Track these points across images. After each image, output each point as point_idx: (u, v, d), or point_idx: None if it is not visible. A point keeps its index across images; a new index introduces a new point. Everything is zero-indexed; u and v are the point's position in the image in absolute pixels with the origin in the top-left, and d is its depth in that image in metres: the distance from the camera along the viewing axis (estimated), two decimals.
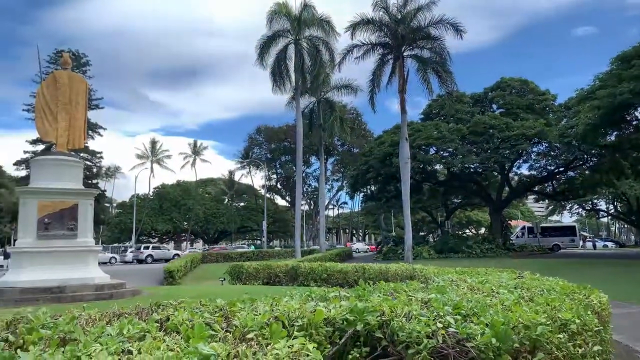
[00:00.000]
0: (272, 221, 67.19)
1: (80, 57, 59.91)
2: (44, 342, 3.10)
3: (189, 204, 70.73)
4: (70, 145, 14.84)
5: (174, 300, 4.46)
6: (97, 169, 69.39)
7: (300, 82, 39.12)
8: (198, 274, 32.21)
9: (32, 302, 9.69)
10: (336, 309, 3.88)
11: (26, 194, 14.12)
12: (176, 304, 4.33)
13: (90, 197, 14.89)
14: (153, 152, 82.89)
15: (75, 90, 14.98)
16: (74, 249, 13.82)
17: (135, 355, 2.59)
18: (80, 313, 3.90)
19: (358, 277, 14.81)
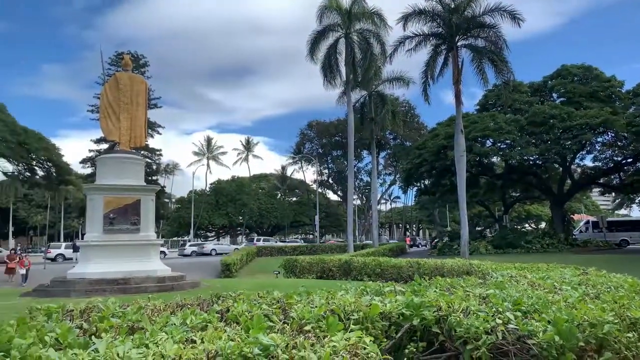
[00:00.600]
0: (324, 216, 67.54)
1: (139, 58, 62.40)
2: (114, 330, 3.29)
3: (244, 199, 72.27)
4: (132, 144, 15.53)
5: (233, 292, 4.60)
6: (156, 166, 72.24)
7: (351, 76, 38.98)
8: (253, 267, 32.89)
9: (100, 292, 10.25)
10: (392, 303, 3.88)
11: (93, 191, 14.92)
12: (235, 295, 4.47)
13: (152, 193, 15.55)
14: (209, 149, 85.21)
15: (136, 91, 15.65)
16: (137, 243, 14.49)
17: (199, 345, 2.70)
18: (146, 303, 4.09)
19: (412, 272, 14.66)
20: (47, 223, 78.45)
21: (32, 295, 12.65)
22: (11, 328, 2.99)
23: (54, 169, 47.52)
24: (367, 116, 46.41)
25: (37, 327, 3.09)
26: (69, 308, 3.90)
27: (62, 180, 50.10)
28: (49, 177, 48.53)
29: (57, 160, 46.85)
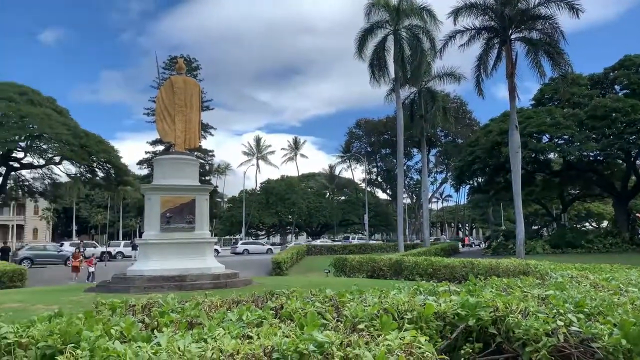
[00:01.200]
0: (373, 215, 67.14)
1: (191, 62, 64.23)
2: (174, 324, 3.41)
3: (293, 198, 72.99)
4: (187, 145, 16.03)
5: (286, 290, 4.67)
6: (209, 166, 74.20)
7: (399, 73, 38.56)
8: (303, 265, 33.19)
9: (157, 289, 10.65)
10: (446, 303, 3.83)
11: (150, 191, 15.51)
12: (288, 293, 4.53)
13: (206, 193, 16.01)
14: (258, 149, 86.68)
15: (190, 94, 16.13)
16: (192, 241, 14.94)
17: (255, 340, 2.75)
18: (203, 299, 4.23)
19: (466, 273, 14.35)
20: (107, 222, 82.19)
21: (95, 291, 13.30)
22: (80, 321, 3.15)
23: (113, 170, 49.69)
24: (416, 113, 45.76)
25: (103, 321, 3.25)
26: (132, 303, 4.09)
27: (120, 181, 52.30)
28: (109, 178, 50.79)
29: (116, 161, 48.93)
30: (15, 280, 22.06)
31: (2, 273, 22.48)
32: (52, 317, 3.37)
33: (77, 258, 25.84)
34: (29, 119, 41.65)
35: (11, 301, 11.01)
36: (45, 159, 47.05)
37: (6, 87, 44.29)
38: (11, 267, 23.48)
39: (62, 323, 3.03)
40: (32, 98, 45.45)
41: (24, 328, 2.99)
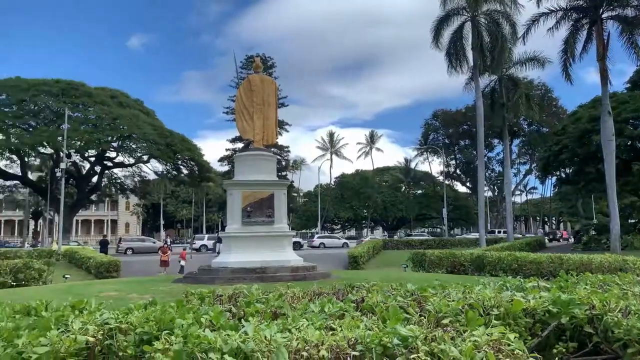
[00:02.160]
0: (452, 208, 65.30)
1: (267, 60, 65.77)
2: (259, 314, 3.52)
3: (368, 192, 72.74)
4: (265, 142, 16.45)
5: (366, 283, 4.67)
6: (285, 162, 75.75)
7: (478, 61, 37.08)
8: (380, 260, 33.00)
9: (240, 280, 11.02)
10: (536, 299, 3.66)
11: (232, 186, 16.11)
12: (369, 286, 4.53)
13: (284, 188, 16.38)
14: (332, 144, 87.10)
15: (267, 92, 16.52)
16: (271, 234, 15.35)
17: (339, 332, 2.77)
18: (285, 291, 4.33)
19: (554, 269, 13.60)
20: (192, 217, 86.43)
21: (182, 282, 14.05)
22: (172, 309, 3.34)
23: (196, 168, 52.18)
24: (497, 102, 43.79)
25: (193, 310, 3.42)
26: (219, 293, 4.28)
27: (203, 178, 54.82)
28: (192, 175, 53.40)
29: (199, 159, 51.31)
30: (111, 271, 23.91)
31: (100, 264, 24.45)
32: (147, 306, 3.59)
33: (166, 253, 26.56)
34: (120, 121, 44.73)
35: (109, 290, 11.90)
36: (135, 157, 50.35)
37: (99, 91, 47.82)
38: (107, 259, 25.44)
39: (157, 311, 3.22)
40: (121, 101, 48.77)
41: (123, 315, 3.21)
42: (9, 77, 44.93)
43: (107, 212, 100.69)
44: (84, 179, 50.93)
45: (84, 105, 45.39)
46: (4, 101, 43.52)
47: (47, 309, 3.71)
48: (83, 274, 24.98)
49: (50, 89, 44.46)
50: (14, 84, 43.80)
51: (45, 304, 3.78)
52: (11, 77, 44.97)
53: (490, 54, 36.50)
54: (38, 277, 18.17)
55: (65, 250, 30.66)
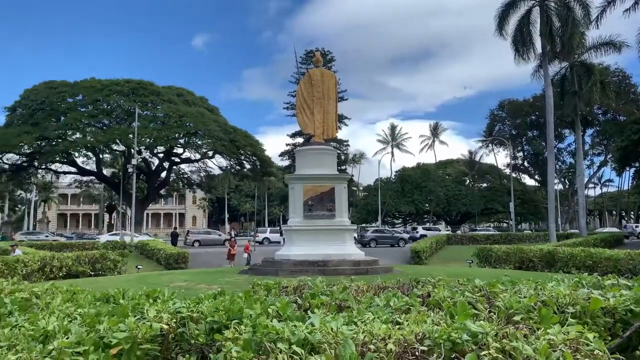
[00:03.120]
0: (519, 202, 62.72)
1: (326, 54, 65.87)
2: (324, 306, 3.55)
3: (430, 186, 71.36)
4: (325, 136, 16.51)
5: (432, 278, 4.58)
6: (344, 156, 75.76)
7: (547, 48, 35.30)
8: (443, 255, 32.34)
9: (303, 272, 11.14)
10: (617, 298, 3.46)
11: (293, 180, 16.32)
12: (434, 281, 4.45)
13: (344, 181, 16.41)
14: (393, 137, 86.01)
15: (327, 85, 16.56)
16: (332, 228, 15.41)
17: (406, 326, 2.74)
18: (349, 284, 4.33)
19: (634, 266, 12.78)
20: (255, 210, 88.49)
21: (248, 273, 14.42)
22: (240, 300, 3.43)
23: (258, 162, 53.24)
24: (568, 90, 41.51)
25: (260, 300, 3.49)
26: (284, 285, 4.34)
27: (265, 172, 55.87)
28: (255, 169, 54.54)
29: (261, 154, 52.32)
30: (179, 262, 24.96)
31: (169, 256, 25.60)
32: (216, 296, 3.71)
33: (234, 246, 26.80)
34: (186, 118, 46.41)
35: (178, 280, 12.43)
36: (201, 153, 52.12)
37: (167, 90, 49.83)
38: (176, 251, 26.57)
39: (226, 301, 3.31)
40: (187, 99, 50.58)
41: (194, 304, 3.33)
42: (84, 79, 47.78)
43: (175, 206, 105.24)
44: (153, 175, 53.37)
45: (152, 103, 47.51)
46: (80, 102, 46.31)
47: (124, 297, 3.92)
48: (154, 264, 26.25)
49: (122, 89, 46.83)
50: (89, 84, 46.52)
51: (122, 292, 3.99)
52: (86, 79, 47.78)
53: (560, 40, 34.64)
54: (113, 267, 19.30)
55: (137, 242, 32.31)
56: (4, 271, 14.39)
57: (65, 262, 17.40)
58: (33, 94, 45.85)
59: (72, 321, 3.03)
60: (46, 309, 3.54)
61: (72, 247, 29.47)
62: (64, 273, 17.00)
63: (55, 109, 45.01)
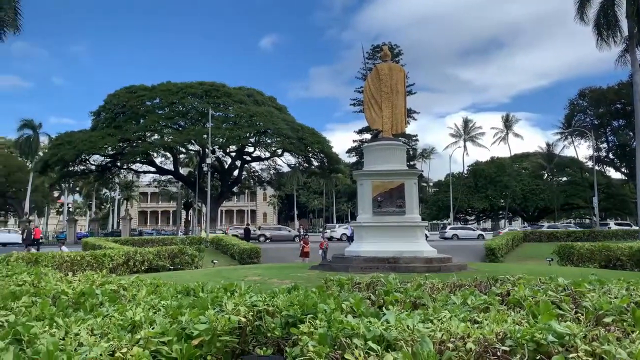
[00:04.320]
0: (604, 197, 58.75)
1: (393, 48, 65.05)
2: (398, 303, 3.50)
3: (505, 181, 68.57)
4: (394, 131, 16.30)
5: (511, 276, 4.39)
6: (413, 151, 74.49)
7: (634, 30, 32.72)
8: (520, 252, 30.99)
9: (373, 269, 11.09)
10: None
11: (362, 177, 16.26)
12: (514, 279, 4.25)
13: (414, 177, 16.13)
14: (465, 131, 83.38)
15: (395, 80, 16.32)
16: (403, 224, 15.19)
17: (486, 325, 2.64)
18: (424, 281, 4.24)
19: None
20: (323, 207, 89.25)
21: (318, 269, 14.57)
22: (314, 295, 3.45)
23: (326, 160, 53.61)
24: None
25: (333, 296, 3.50)
26: (357, 281, 4.33)
27: (333, 169, 56.19)
28: (322, 166, 54.97)
29: (328, 151, 52.63)
30: (252, 257, 25.67)
31: (242, 251, 26.39)
32: (290, 290, 3.76)
33: (308, 244, 26.50)
34: (256, 118, 47.61)
35: (252, 275, 12.78)
36: (270, 151, 53.30)
37: (237, 91, 51.38)
38: (249, 246, 27.33)
39: (300, 296, 3.35)
40: (257, 99, 51.88)
41: (269, 298, 3.40)
42: (161, 83, 50.30)
43: (247, 203, 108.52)
44: (226, 173, 55.26)
45: (224, 104, 49.18)
46: (157, 105, 48.84)
47: (203, 290, 4.07)
48: (228, 259, 27.17)
49: (196, 91, 48.85)
50: (165, 88, 48.92)
51: (201, 286, 4.15)
52: (163, 82, 50.28)
53: None
54: (191, 261, 20.18)
55: (212, 238, 33.59)
56: (93, 264, 15.48)
57: (147, 256, 18.42)
58: (115, 99, 48.91)
59: (156, 312, 3.18)
60: (132, 300, 3.76)
61: (153, 242, 31.18)
62: (146, 267, 18.01)
63: (135, 112, 47.78)
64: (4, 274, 5.49)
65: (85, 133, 47.83)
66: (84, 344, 2.48)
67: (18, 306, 3.32)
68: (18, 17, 24.11)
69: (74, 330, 2.69)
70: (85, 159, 49.33)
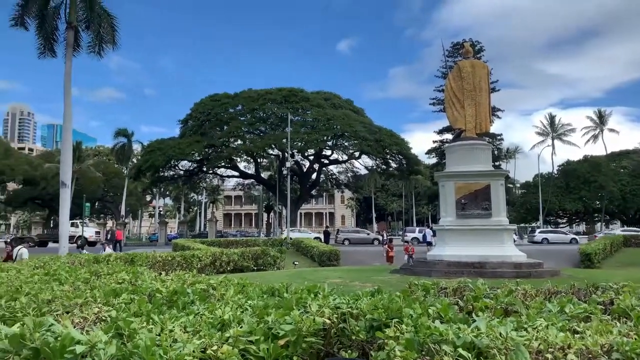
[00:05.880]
0: None
1: (474, 45, 62.82)
2: (489, 310, 3.33)
3: (600, 181, 63.77)
4: (478, 130, 15.71)
5: (614, 283, 4.04)
6: (497, 151, 71.40)
7: None
8: (620, 258, 28.68)
9: (457, 274, 10.74)
10: None
11: (444, 178, 15.81)
12: (617, 287, 3.91)
13: (501, 178, 15.43)
14: (553, 128, 78.59)
15: (478, 77, 15.73)
16: (489, 228, 14.57)
17: (588, 336, 2.44)
18: (515, 287, 4.02)
19: None
20: (402, 209, 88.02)
21: (400, 273, 14.36)
22: (399, 299, 3.37)
23: (404, 161, 52.87)
24: None
25: (419, 300, 3.40)
26: (442, 286, 4.19)
27: (412, 171, 55.29)
28: (401, 168, 54.26)
29: (407, 152, 51.87)
30: (332, 260, 25.85)
31: (322, 253, 26.66)
32: (374, 294, 3.71)
33: (392, 249, 25.47)
34: (334, 121, 48.04)
35: (333, 277, 12.85)
36: (348, 154, 53.52)
37: (315, 95, 52.13)
38: (329, 249, 27.56)
39: (384, 299, 3.29)
40: (334, 102, 52.32)
41: (353, 301, 3.37)
42: (242, 90, 52.24)
43: (325, 206, 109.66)
44: (305, 176, 56.19)
45: (302, 109, 50.13)
46: (239, 111, 50.77)
47: (287, 291, 4.13)
48: (308, 261, 27.57)
49: (275, 97, 50.20)
50: (247, 95, 50.75)
51: (285, 286, 4.21)
52: (244, 90, 52.20)
53: None
54: (273, 262, 20.71)
55: (292, 240, 34.26)
56: (182, 264, 16.33)
57: (232, 257, 19.14)
58: (201, 107, 51.46)
59: (244, 312, 3.27)
60: (221, 299, 3.89)
61: (237, 243, 32.37)
62: (231, 267, 18.71)
63: (220, 119, 49.98)
64: (106, 272, 5.92)
65: (174, 140, 50.76)
66: (178, 340, 2.59)
67: (118, 302, 3.55)
68: (115, 34, 26.03)
69: (168, 326, 2.82)
70: (175, 165, 52.33)
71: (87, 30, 25.80)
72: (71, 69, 24.61)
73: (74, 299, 3.57)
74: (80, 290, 4.17)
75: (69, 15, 24.77)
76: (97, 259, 9.46)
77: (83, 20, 25.45)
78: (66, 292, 3.99)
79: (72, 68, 24.61)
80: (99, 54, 25.80)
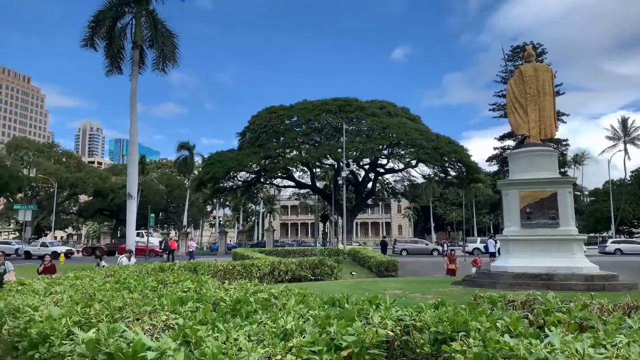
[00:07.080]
0: None
1: (536, 47, 60.55)
2: (562, 325, 3.15)
3: None
4: (542, 136, 15.06)
5: None
6: (563, 157, 68.22)
7: None
8: None
9: (523, 286, 10.27)
10: None
11: (507, 186, 15.23)
12: None
13: (569, 185, 14.69)
14: (625, 132, 74.18)
15: (542, 81, 15.11)
16: (556, 237, 13.87)
17: None
18: (590, 301, 3.79)
19: None
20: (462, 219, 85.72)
21: (462, 285, 13.93)
22: (464, 312, 3.26)
23: (464, 169, 51.50)
24: None
25: (485, 313, 3.27)
26: (510, 298, 4.02)
27: (472, 179, 53.73)
28: (460, 176, 52.88)
29: (466, 160, 50.52)
30: (390, 270, 25.51)
31: (380, 263, 26.38)
32: (437, 306, 3.61)
33: (453, 260, 23.83)
34: (389, 130, 47.67)
35: (392, 288, 12.66)
36: (404, 163, 52.85)
37: (369, 104, 52.00)
38: (387, 259, 27.24)
39: (449, 312, 3.19)
40: (389, 110, 51.93)
41: (416, 313, 3.29)
42: (298, 101, 53.01)
43: (381, 215, 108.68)
44: (360, 185, 56.00)
45: (357, 118, 50.14)
46: (295, 122, 51.48)
47: (348, 301, 4.10)
48: (365, 271, 27.36)
49: (330, 107, 50.53)
50: (302, 106, 51.42)
51: (346, 297, 4.18)
52: (300, 101, 52.95)
53: None
54: (330, 272, 20.70)
55: (349, 250, 34.14)
56: (242, 273, 16.66)
57: (290, 267, 19.32)
58: (258, 119, 52.64)
59: (306, 322, 3.27)
60: (283, 309, 3.91)
61: (294, 253, 32.68)
62: (289, 277, 18.88)
63: (276, 130, 50.90)
64: (172, 280, 6.12)
65: (232, 152, 52.17)
66: (242, 349, 2.62)
67: (185, 310, 3.65)
68: (176, 51, 27.23)
69: (233, 335, 2.86)
70: (234, 176, 53.74)
71: (151, 49, 27.17)
72: (136, 86, 25.93)
73: (143, 307, 3.70)
74: (148, 298, 4.33)
75: (135, 35, 26.17)
76: (162, 268, 9.82)
77: (147, 39, 26.81)
78: (136, 299, 4.16)
79: (137, 84, 25.93)
80: (163, 70, 27.07)
